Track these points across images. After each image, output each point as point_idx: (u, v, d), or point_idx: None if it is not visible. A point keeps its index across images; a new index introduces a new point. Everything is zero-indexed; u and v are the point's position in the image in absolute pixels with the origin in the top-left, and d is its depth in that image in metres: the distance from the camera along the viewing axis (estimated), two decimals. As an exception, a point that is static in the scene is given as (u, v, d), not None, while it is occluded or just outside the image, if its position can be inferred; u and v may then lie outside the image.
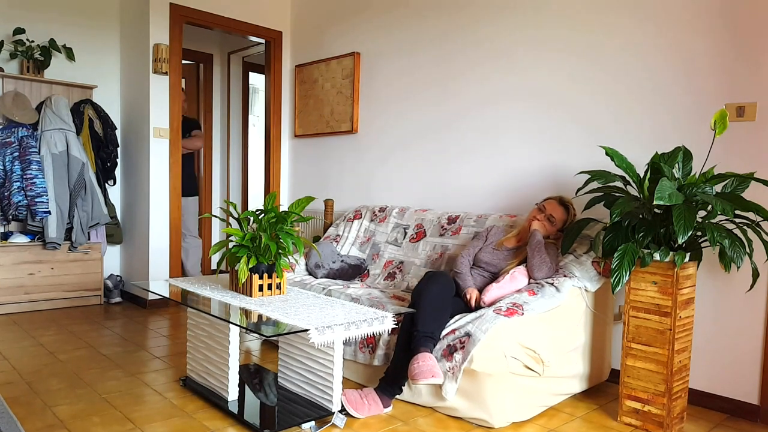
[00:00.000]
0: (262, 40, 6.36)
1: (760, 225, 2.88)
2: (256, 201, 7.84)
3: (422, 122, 4.98)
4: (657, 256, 2.93)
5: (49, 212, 5.19)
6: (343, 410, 2.97)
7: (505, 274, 3.42)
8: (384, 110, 5.33)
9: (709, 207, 2.93)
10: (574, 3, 3.96)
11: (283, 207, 6.29)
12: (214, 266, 6.24)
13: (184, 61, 5.80)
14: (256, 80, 8.29)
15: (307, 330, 2.50)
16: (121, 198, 6.11)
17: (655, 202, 2.73)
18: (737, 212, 2.93)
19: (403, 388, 3.11)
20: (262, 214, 3.16)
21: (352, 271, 4.60)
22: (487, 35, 4.48)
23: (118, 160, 5.94)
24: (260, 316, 2.76)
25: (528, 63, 4.22)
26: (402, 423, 2.98)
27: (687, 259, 2.89)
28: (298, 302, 3.03)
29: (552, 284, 3.28)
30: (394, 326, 2.87)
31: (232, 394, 3.10)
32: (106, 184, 5.82)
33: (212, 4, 5.79)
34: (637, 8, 3.65)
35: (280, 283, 3.20)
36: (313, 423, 2.85)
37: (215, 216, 3.52)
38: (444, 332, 3.05)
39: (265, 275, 3.13)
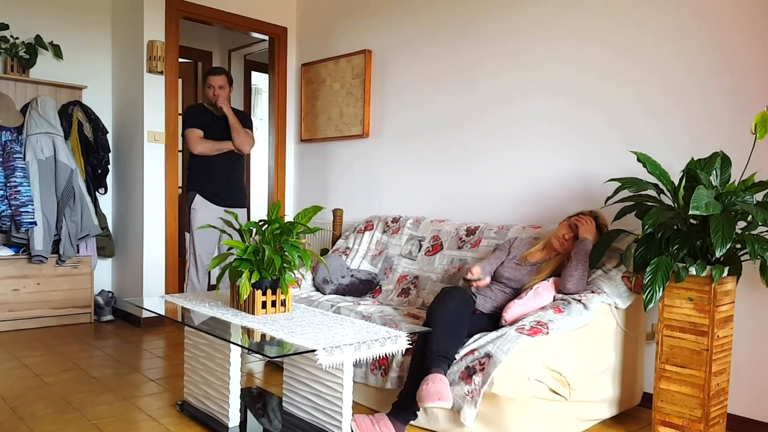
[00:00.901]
0: (266, 37, 6.44)
1: (805, 237, 2.90)
2: (259, 211, 7.88)
3: (439, 126, 5.03)
4: (693, 271, 2.96)
5: (35, 223, 5.25)
6: (352, 437, 3.01)
7: (528, 290, 3.46)
8: (397, 113, 5.39)
9: (750, 217, 2.96)
10: (604, -6, 4.01)
11: (288, 217, 6.33)
12: (213, 281, 6.27)
13: (181, 60, 5.87)
14: (259, 80, 8.37)
15: (314, 350, 2.52)
16: (113, 208, 6.19)
17: (690, 212, 2.76)
18: (780, 223, 2.95)
19: (417, 413, 3.13)
20: (266, 225, 3.20)
21: (363, 287, 4.64)
22: (510, 26, 4.53)
23: (110, 167, 5.99)
24: (263, 336, 2.80)
25: (555, 59, 4.26)
26: (416, 451, 3.02)
27: (725, 273, 2.92)
28: (304, 320, 3.06)
29: (579, 301, 3.31)
30: (408, 346, 2.88)
31: (233, 420, 3.13)
32: (97, 193, 5.89)
33: (211, -2, 5.89)
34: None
35: (284, 300, 3.23)
36: (320, 450, 2.88)
37: (215, 227, 3.56)
38: (462, 352, 3.08)
39: (269, 291, 3.15)
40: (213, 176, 5.36)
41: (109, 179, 6.09)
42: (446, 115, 4.98)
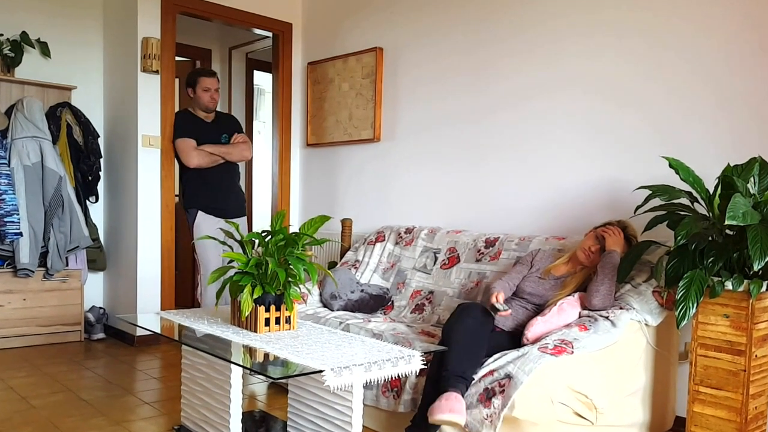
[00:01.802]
0: (269, 34, 6.49)
1: None
2: (262, 221, 7.90)
3: (456, 130, 5.06)
4: (729, 285, 2.97)
5: (21, 234, 5.29)
6: (362, 464, 3.03)
7: (551, 306, 3.48)
8: (411, 116, 5.42)
9: (790, 227, 2.98)
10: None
11: (294, 228, 6.36)
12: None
13: (177, 58, 5.91)
14: (262, 80, 8.41)
15: (321, 371, 2.54)
16: (105, 217, 6.23)
17: (726, 222, 2.78)
18: (823, 233, 2.96)
19: (432, 438, 3.16)
20: (269, 236, 3.23)
21: (374, 303, 4.67)
22: (532, 19, 4.55)
23: (101, 173, 6.01)
24: (267, 355, 2.83)
25: (581, 55, 4.28)
26: (431, 479, 3.04)
27: (764, 288, 2.93)
28: (310, 339, 3.08)
29: (607, 318, 3.33)
30: (423, 367, 2.90)
31: (234, 445, 3.18)
32: (87, 201, 5.93)
33: (211, -8, 5.93)
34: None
35: (289, 317, 3.25)
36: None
37: (213, 238, 3.59)
38: (481, 373, 3.09)
39: (273, 307, 3.18)
40: (213, 189, 5.44)
41: (101, 187, 6.10)
42: (463, 119, 5.00)
